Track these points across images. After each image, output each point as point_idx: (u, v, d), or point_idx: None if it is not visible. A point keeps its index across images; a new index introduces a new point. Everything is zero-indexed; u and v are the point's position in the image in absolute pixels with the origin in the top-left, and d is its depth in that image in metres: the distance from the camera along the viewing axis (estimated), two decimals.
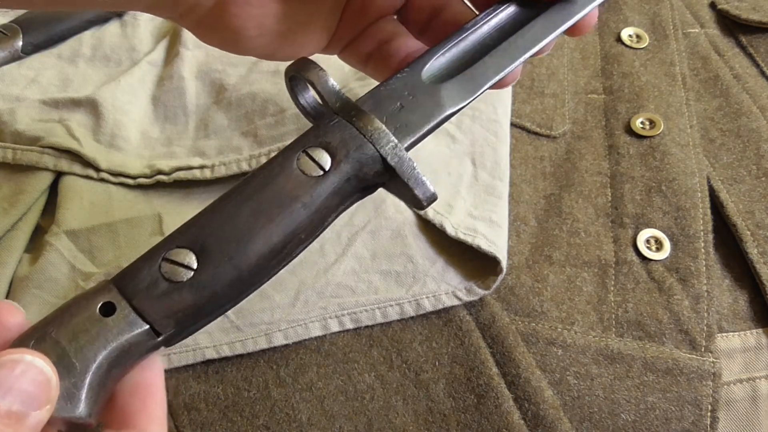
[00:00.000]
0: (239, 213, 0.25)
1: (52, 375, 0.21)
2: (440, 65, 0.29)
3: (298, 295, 0.39)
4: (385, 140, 0.26)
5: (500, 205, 0.42)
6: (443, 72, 0.29)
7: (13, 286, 0.41)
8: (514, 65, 0.30)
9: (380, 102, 0.28)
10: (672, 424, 0.37)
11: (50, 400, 0.21)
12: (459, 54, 0.30)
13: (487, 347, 0.38)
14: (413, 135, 0.28)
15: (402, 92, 0.28)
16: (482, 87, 0.29)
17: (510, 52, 0.30)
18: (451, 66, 0.29)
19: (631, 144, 0.47)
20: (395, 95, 0.28)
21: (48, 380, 0.21)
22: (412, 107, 0.28)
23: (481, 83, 0.29)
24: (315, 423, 0.37)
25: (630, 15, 0.55)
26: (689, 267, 0.41)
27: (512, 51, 0.30)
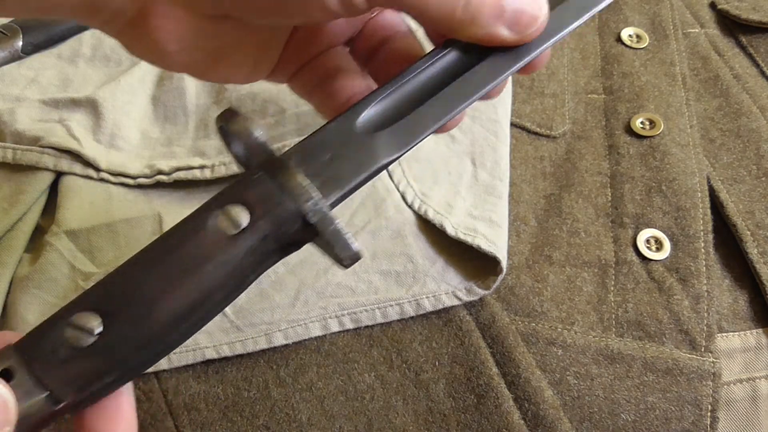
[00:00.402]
0: (149, 275, 0.23)
1: (10, 396, 0.21)
2: (378, 112, 0.28)
3: (298, 295, 0.39)
4: (305, 196, 0.25)
5: (500, 205, 0.42)
6: (381, 120, 0.28)
7: (13, 286, 0.41)
8: (454, 113, 0.28)
9: (309, 154, 0.26)
10: (672, 424, 0.37)
11: (8, 421, 0.21)
12: (398, 100, 0.28)
13: (487, 347, 0.38)
14: (341, 189, 0.26)
15: (333, 143, 0.27)
16: (418, 137, 0.27)
17: (451, 98, 0.28)
18: (389, 113, 0.28)
19: (631, 144, 0.47)
20: (326, 146, 0.27)
21: (4, 402, 0.21)
22: (343, 159, 0.26)
23: (417, 133, 0.27)
24: (315, 423, 0.37)
25: (630, 15, 0.55)
26: (689, 267, 0.41)
27: (453, 98, 0.28)
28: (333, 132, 0.27)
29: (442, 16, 0.25)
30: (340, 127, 0.27)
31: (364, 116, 0.27)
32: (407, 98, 0.28)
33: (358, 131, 0.27)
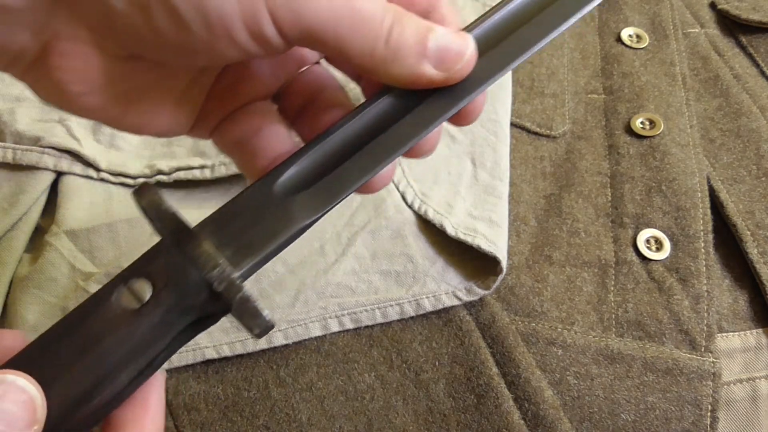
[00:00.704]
0: (49, 356, 0.22)
1: (37, 394, 0.21)
2: (300, 172, 0.26)
3: (298, 295, 0.39)
4: (210, 265, 0.23)
5: (500, 205, 0.42)
6: (302, 180, 0.26)
7: (13, 286, 0.41)
8: (377, 170, 0.26)
9: (223, 222, 0.25)
10: (672, 424, 0.37)
11: (37, 420, 0.20)
12: (322, 158, 0.27)
13: (487, 347, 0.38)
14: (254, 257, 0.25)
15: (249, 209, 0.25)
16: (338, 197, 0.26)
17: (374, 155, 0.26)
18: (311, 173, 0.26)
19: (631, 144, 0.47)
20: (241, 213, 0.25)
21: (32, 399, 0.21)
22: (258, 225, 0.25)
23: (337, 194, 0.26)
24: (315, 423, 0.37)
25: (630, 15, 0.55)
26: (689, 267, 0.41)
27: (376, 154, 0.26)
28: (249, 198, 0.26)
29: (363, 52, 0.24)
30: (257, 192, 0.26)
31: (285, 177, 0.26)
32: (331, 156, 0.27)
33: (276, 195, 0.26)
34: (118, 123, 0.27)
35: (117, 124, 0.27)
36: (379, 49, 0.24)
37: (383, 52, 0.24)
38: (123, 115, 0.27)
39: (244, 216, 0.25)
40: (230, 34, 0.23)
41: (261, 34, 0.23)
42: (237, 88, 0.29)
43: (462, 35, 0.26)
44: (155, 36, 0.23)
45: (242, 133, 0.29)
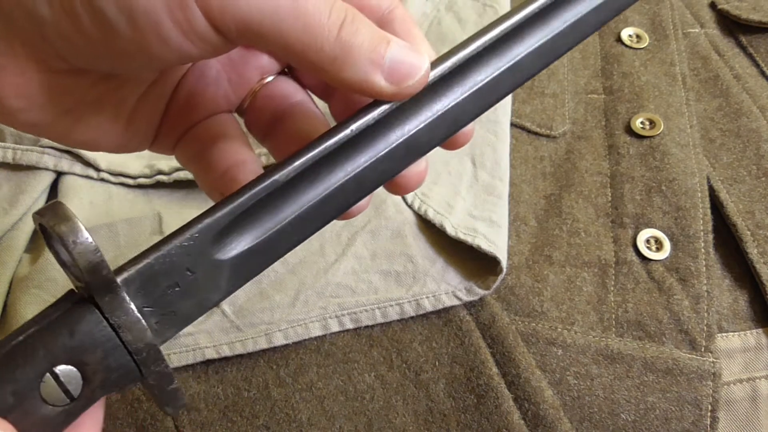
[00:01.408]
0: None
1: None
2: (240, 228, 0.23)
3: (298, 295, 0.39)
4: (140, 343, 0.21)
5: (500, 205, 0.42)
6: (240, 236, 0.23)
7: (13, 286, 0.41)
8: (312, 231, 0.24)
9: (152, 276, 0.22)
10: (672, 424, 0.37)
11: None
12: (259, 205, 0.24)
13: (487, 347, 0.38)
14: (178, 327, 0.23)
15: (182, 265, 0.22)
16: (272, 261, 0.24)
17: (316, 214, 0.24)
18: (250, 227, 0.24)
19: (631, 144, 0.47)
20: (173, 269, 0.22)
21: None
22: (190, 289, 0.22)
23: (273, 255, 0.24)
24: (315, 423, 0.37)
25: (630, 15, 0.55)
26: (689, 267, 0.41)
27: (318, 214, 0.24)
28: (185, 251, 0.22)
29: (309, 48, 0.22)
30: (193, 246, 0.22)
31: (222, 230, 0.23)
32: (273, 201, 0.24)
33: (212, 251, 0.23)
34: (67, 139, 0.26)
35: (66, 141, 0.26)
36: (327, 45, 0.22)
37: (332, 50, 0.23)
38: (70, 132, 0.25)
39: (175, 273, 0.22)
40: (158, 31, 0.21)
41: (192, 28, 0.22)
42: (195, 101, 0.28)
43: (419, 53, 0.24)
44: (85, 42, 0.22)
45: (200, 146, 0.28)
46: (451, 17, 0.53)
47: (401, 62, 0.24)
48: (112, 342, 0.21)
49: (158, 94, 0.27)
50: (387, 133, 0.25)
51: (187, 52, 0.22)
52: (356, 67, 0.23)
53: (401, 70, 0.24)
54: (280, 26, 0.22)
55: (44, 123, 0.25)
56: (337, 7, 0.23)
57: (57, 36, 0.22)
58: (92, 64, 0.23)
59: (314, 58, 0.23)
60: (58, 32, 0.22)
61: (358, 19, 0.23)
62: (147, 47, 0.22)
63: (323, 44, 0.22)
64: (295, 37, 0.22)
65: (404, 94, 0.24)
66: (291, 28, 0.22)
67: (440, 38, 0.52)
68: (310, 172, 0.24)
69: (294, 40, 0.22)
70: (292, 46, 0.22)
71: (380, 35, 0.24)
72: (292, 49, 0.22)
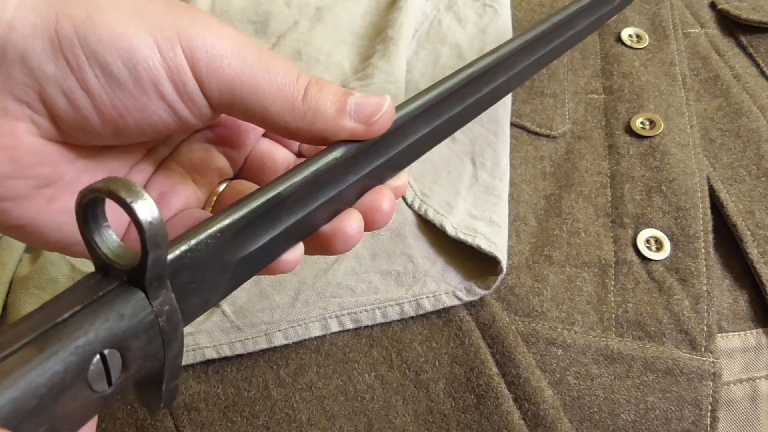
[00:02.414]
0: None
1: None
2: (252, 231, 0.25)
3: (298, 295, 0.39)
4: (177, 352, 0.21)
5: (500, 205, 0.42)
6: (251, 239, 0.25)
7: (13, 286, 0.41)
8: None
9: (179, 269, 0.22)
10: (672, 424, 0.37)
11: None
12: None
13: (487, 347, 0.38)
14: (186, 322, 0.23)
15: (203, 262, 0.23)
16: (265, 265, 0.25)
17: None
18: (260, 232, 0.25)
19: (631, 144, 0.47)
20: (196, 265, 0.23)
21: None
22: (199, 287, 0.23)
23: (267, 260, 0.25)
24: (315, 423, 0.37)
25: (630, 15, 0.55)
26: (689, 267, 0.41)
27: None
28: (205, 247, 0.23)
29: (283, 109, 0.25)
30: (213, 243, 0.23)
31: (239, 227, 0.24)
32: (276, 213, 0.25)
33: (224, 250, 0.23)
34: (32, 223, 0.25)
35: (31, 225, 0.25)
36: (297, 104, 0.26)
37: (303, 107, 0.26)
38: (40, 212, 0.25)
39: (192, 272, 0.23)
40: (157, 87, 0.24)
41: (185, 89, 0.24)
42: (167, 197, 0.29)
43: (379, 95, 0.28)
44: (88, 99, 0.23)
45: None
46: (451, 17, 0.53)
47: (365, 104, 0.27)
48: (153, 330, 0.21)
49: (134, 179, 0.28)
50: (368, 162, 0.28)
51: (179, 114, 0.25)
52: (325, 117, 0.26)
53: (366, 109, 0.27)
54: (257, 90, 0.25)
55: (19, 196, 0.24)
56: (303, 74, 0.26)
57: (58, 93, 0.23)
58: (87, 126, 0.24)
59: (288, 118, 0.26)
60: (61, 90, 0.23)
61: (322, 81, 0.27)
62: (146, 104, 0.24)
63: (294, 104, 0.26)
64: (270, 100, 0.25)
65: (374, 131, 0.27)
66: (266, 91, 0.25)
67: (440, 38, 0.52)
68: (308, 187, 0.26)
69: (269, 102, 0.25)
70: (268, 107, 0.26)
71: (342, 90, 0.27)
72: (268, 110, 0.26)
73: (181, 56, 0.24)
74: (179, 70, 0.24)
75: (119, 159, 0.28)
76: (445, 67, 0.50)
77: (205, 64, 0.24)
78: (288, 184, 0.26)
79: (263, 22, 0.53)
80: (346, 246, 0.28)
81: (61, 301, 0.20)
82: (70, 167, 0.26)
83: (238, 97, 0.25)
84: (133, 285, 0.21)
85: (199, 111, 0.25)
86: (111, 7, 0.23)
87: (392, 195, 0.30)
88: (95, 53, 0.23)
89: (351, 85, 0.46)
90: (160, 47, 0.24)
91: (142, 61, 0.23)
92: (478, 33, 0.52)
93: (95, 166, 0.27)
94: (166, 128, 0.25)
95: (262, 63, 0.25)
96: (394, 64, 0.47)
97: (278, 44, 0.51)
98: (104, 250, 0.22)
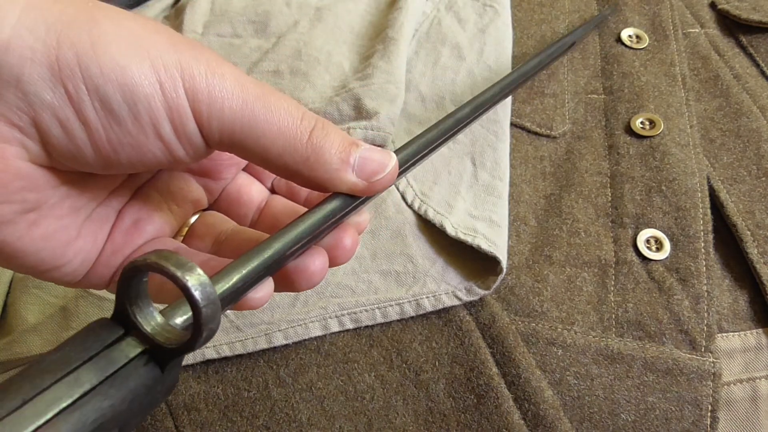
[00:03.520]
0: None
1: None
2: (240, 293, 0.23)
3: (298, 295, 0.39)
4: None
5: (500, 205, 0.42)
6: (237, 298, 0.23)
7: (13, 286, 0.41)
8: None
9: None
10: (672, 424, 0.37)
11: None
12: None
13: (487, 347, 0.38)
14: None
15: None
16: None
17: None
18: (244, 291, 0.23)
19: (631, 144, 0.47)
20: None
21: None
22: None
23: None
24: (315, 423, 0.37)
25: (630, 16, 0.55)
26: (689, 267, 0.41)
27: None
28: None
29: (284, 150, 0.25)
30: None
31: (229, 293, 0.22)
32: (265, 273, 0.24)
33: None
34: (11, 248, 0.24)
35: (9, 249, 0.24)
36: (300, 146, 0.25)
37: (305, 151, 0.25)
38: (21, 237, 0.24)
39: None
40: (155, 125, 0.23)
41: (183, 129, 0.24)
42: (141, 223, 0.28)
43: (384, 151, 0.27)
44: (84, 130, 0.23)
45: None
46: (451, 17, 0.53)
47: (370, 159, 0.26)
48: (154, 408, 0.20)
49: (106, 213, 0.28)
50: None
51: (173, 152, 0.24)
52: (327, 165, 0.25)
53: (370, 166, 0.26)
54: (256, 130, 0.24)
55: (3, 221, 0.23)
56: (308, 115, 0.25)
57: (53, 122, 0.22)
58: (79, 156, 0.23)
59: (289, 160, 0.25)
60: (57, 118, 0.22)
61: (328, 125, 0.26)
62: (142, 142, 0.23)
63: (296, 146, 0.25)
64: (270, 141, 0.25)
65: (375, 189, 0.27)
66: (266, 132, 0.24)
67: (440, 38, 0.52)
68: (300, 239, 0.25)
69: (270, 143, 0.25)
70: (269, 149, 0.25)
71: (349, 139, 0.26)
72: (269, 152, 0.25)
73: (184, 98, 0.23)
74: (180, 111, 0.23)
75: (101, 184, 0.27)
76: (445, 67, 0.50)
77: (207, 105, 0.24)
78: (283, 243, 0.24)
79: (263, 22, 0.53)
80: (310, 284, 0.27)
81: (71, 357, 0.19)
82: (54, 192, 0.25)
83: (238, 138, 0.24)
84: (153, 359, 0.20)
85: (195, 151, 0.25)
86: (116, 37, 0.22)
87: (355, 232, 0.29)
88: (97, 87, 0.22)
89: (351, 84, 0.46)
90: (163, 87, 0.23)
91: (144, 99, 0.23)
92: (478, 33, 0.52)
93: (78, 192, 0.26)
94: (158, 164, 0.25)
95: (263, 102, 0.24)
96: (394, 64, 0.47)
97: (278, 44, 0.51)
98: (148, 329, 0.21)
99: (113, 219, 0.28)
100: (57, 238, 0.25)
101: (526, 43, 0.53)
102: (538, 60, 0.43)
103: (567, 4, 0.57)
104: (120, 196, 0.28)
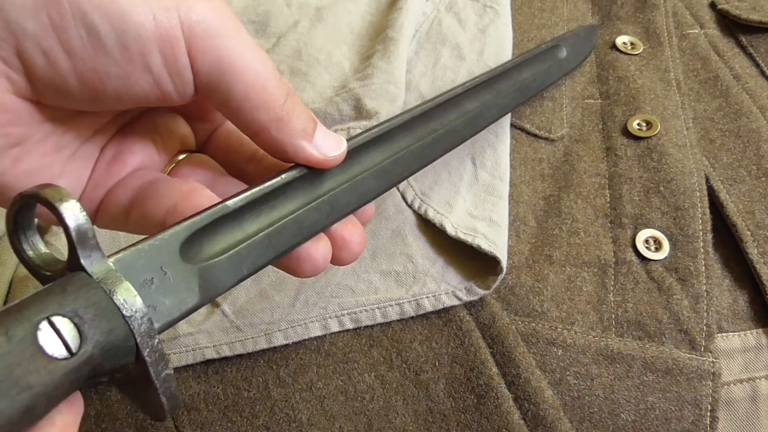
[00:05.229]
0: None
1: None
2: (200, 241, 0.25)
3: (298, 295, 0.39)
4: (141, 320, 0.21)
5: (500, 205, 0.42)
6: (201, 249, 0.25)
7: (13, 286, 0.41)
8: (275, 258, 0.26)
9: (129, 267, 0.22)
10: (672, 424, 0.37)
11: None
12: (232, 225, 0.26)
13: (487, 347, 0.38)
14: (162, 322, 0.23)
15: (156, 263, 0.23)
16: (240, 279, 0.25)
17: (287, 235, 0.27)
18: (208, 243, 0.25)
19: (629, 145, 0.47)
20: (148, 265, 0.23)
21: None
22: (165, 288, 0.23)
23: (237, 274, 0.25)
24: (315, 423, 0.37)
25: (624, 24, 0.55)
26: (688, 267, 0.41)
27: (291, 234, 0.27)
28: (156, 250, 0.23)
29: (261, 107, 0.25)
30: (163, 248, 0.23)
31: (189, 240, 0.24)
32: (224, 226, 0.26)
33: (180, 257, 0.24)
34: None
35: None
36: (277, 107, 0.26)
37: (279, 112, 0.26)
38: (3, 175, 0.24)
39: (150, 269, 0.23)
40: (144, 57, 0.23)
41: (174, 61, 0.23)
42: (123, 156, 0.28)
43: (338, 135, 0.29)
44: (68, 60, 0.22)
45: (133, 194, 0.27)
46: (451, 17, 0.53)
47: (328, 136, 0.28)
48: (105, 303, 0.21)
49: (90, 151, 0.27)
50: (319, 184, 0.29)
51: (162, 88, 0.24)
52: (294, 131, 0.26)
53: (328, 142, 0.28)
54: (246, 76, 0.24)
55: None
56: (284, 81, 0.26)
57: (37, 51, 0.22)
58: (63, 88, 0.23)
59: (263, 116, 0.26)
60: (40, 47, 0.22)
61: (298, 97, 0.27)
62: (129, 73, 0.23)
63: (273, 105, 0.26)
64: (254, 93, 0.25)
65: (328, 163, 0.28)
66: (253, 81, 0.25)
67: (440, 38, 0.52)
68: (255, 204, 0.27)
69: (253, 93, 0.25)
70: (247, 100, 0.25)
71: (312, 115, 0.28)
72: (246, 103, 0.25)
73: (178, 28, 0.23)
74: (173, 42, 0.23)
75: (86, 123, 0.27)
76: (445, 67, 0.50)
77: (202, 39, 0.23)
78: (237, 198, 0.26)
79: (263, 22, 0.53)
80: (315, 270, 0.28)
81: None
82: (39, 128, 0.24)
83: (225, 80, 0.24)
84: (78, 269, 0.21)
85: (183, 88, 0.24)
86: None
87: (361, 229, 0.30)
88: (83, 14, 0.21)
89: (351, 84, 0.46)
90: (156, 15, 0.22)
91: (134, 28, 0.22)
92: (479, 33, 0.52)
93: (63, 129, 0.26)
94: (145, 100, 0.24)
95: (257, 53, 0.24)
96: (394, 65, 0.47)
97: (278, 44, 0.51)
98: (29, 255, 0.22)
99: (96, 156, 0.28)
100: (40, 174, 0.25)
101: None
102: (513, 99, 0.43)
103: (566, 12, 0.57)
104: (104, 134, 0.28)
